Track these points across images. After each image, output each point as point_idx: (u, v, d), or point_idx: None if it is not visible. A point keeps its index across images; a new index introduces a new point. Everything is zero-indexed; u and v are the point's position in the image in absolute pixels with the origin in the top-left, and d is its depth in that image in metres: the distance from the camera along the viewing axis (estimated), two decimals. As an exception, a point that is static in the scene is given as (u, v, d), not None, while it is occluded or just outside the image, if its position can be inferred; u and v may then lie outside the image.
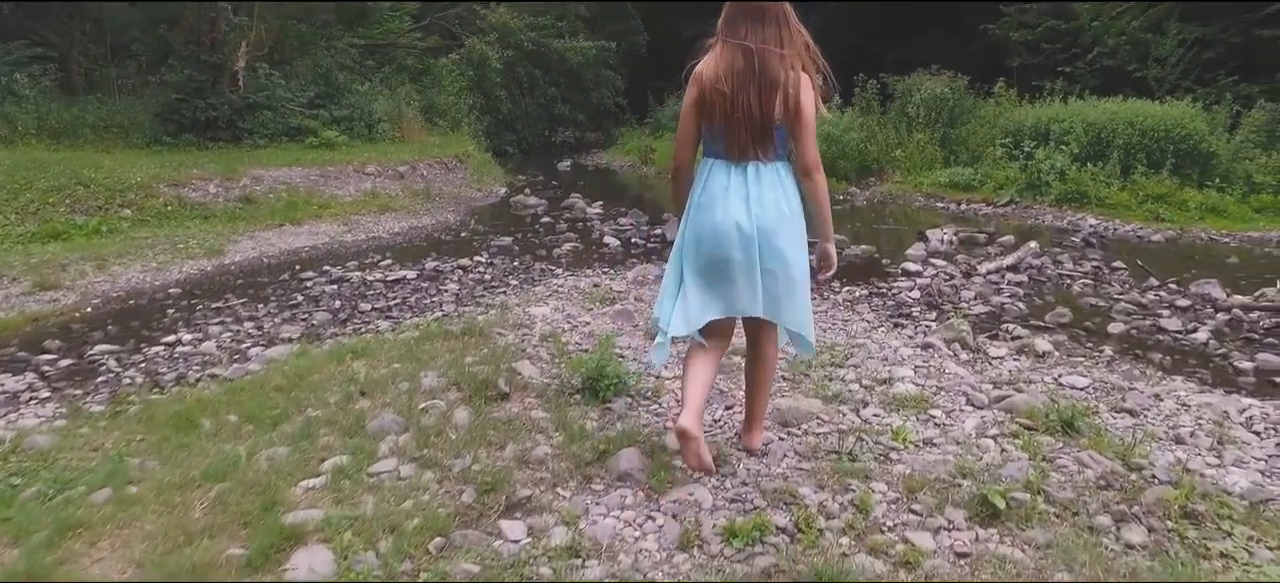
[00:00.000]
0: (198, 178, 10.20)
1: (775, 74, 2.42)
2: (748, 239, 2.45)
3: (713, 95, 2.45)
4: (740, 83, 2.42)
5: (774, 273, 2.49)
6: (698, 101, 2.50)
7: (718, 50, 2.50)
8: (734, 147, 2.48)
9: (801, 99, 2.42)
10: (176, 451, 3.06)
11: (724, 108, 2.44)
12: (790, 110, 2.42)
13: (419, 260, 7.05)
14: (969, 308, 5.34)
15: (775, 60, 2.42)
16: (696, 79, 2.50)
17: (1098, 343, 4.60)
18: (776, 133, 2.47)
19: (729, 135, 2.47)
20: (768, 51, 2.42)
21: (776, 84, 2.42)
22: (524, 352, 3.93)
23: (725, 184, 2.50)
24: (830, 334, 4.46)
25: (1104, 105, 11.77)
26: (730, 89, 2.42)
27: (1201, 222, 9.72)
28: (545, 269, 6.55)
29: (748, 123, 2.44)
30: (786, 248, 2.48)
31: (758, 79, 2.41)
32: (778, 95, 2.42)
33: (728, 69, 2.43)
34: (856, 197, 12.40)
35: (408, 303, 5.57)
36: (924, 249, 7.41)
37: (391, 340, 4.31)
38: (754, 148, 2.47)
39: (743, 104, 2.43)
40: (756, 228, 2.45)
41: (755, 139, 2.45)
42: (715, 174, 2.53)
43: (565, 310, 4.87)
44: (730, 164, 2.50)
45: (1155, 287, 6.06)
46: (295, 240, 8.39)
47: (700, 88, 2.48)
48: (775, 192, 2.49)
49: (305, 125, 14.56)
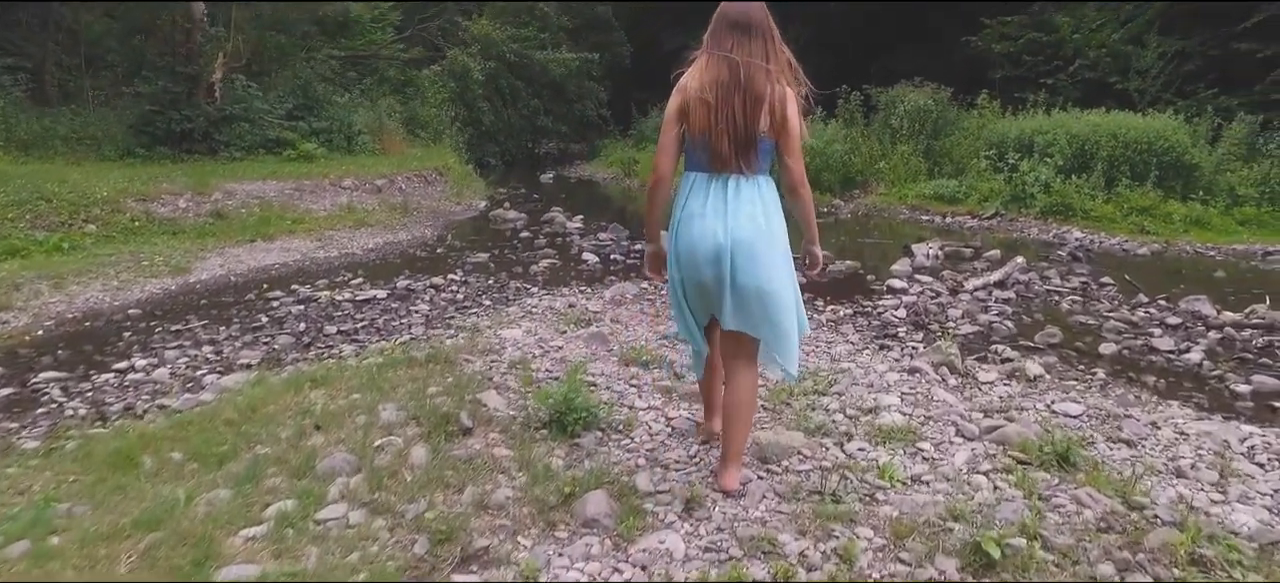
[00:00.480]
0: (168, 192, 9.92)
1: (761, 88, 2.40)
2: (722, 253, 2.43)
3: (696, 106, 2.42)
4: (725, 94, 2.40)
5: (747, 287, 2.44)
6: (680, 111, 2.47)
7: (703, 62, 2.47)
8: (716, 159, 2.45)
9: (788, 113, 2.42)
10: (111, 494, 2.83)
11: (707, 119, 2.41)
12: (776, 124, 2.42)
13: (391, 279, 6.83)
14: (956, 328, 5.19)
15: (761, 74, 2.40)
16: (681, 89, 2.48)
17: (1089, 365, 4.46)
18: (760, 146, 2.45)
19: (711, 147, 2.44)
20: (753, 65, 2.40)
21: (762, 98, 2.40)
22: (490, 381, 3.73)
23: (704, 198, 2.49)
24: (814, 358, 4.29)
25: (1087, 117, 11.76)
26: (714, 99, 2.40)
27: (1186, 234, 9.68)
28: (520, 288, 6.34)
29: (731, 135, 2.41)
30: (762, 261, 2.44)
31: (743, 92, 2.39)
32: (763, 109, 2.40)
33: (713, 80, 2.41)
34: (841, 209, 12.29)
35: (376, 325, 5.34)
36: (909, 264, 7.28)
37: (354, 367, 4.09)
38: (736, 161, 2.44)
39: (727, 115, 2.40)
40: (731, 241, 2.43)
41: (738, 152, 2.43)
42: (696, 189, 2.52)
43: (537, 334, 4.67)
44: (711, 177, 2.48)
45: (1145, 303, 5.94)
46: (266, 257, 8.14)
47: (684, 97, 2.46)
48: (753, 205, 2.46)
49: (283, 138, 14.30)
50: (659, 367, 3.97)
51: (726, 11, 2.48)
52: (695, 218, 2.48)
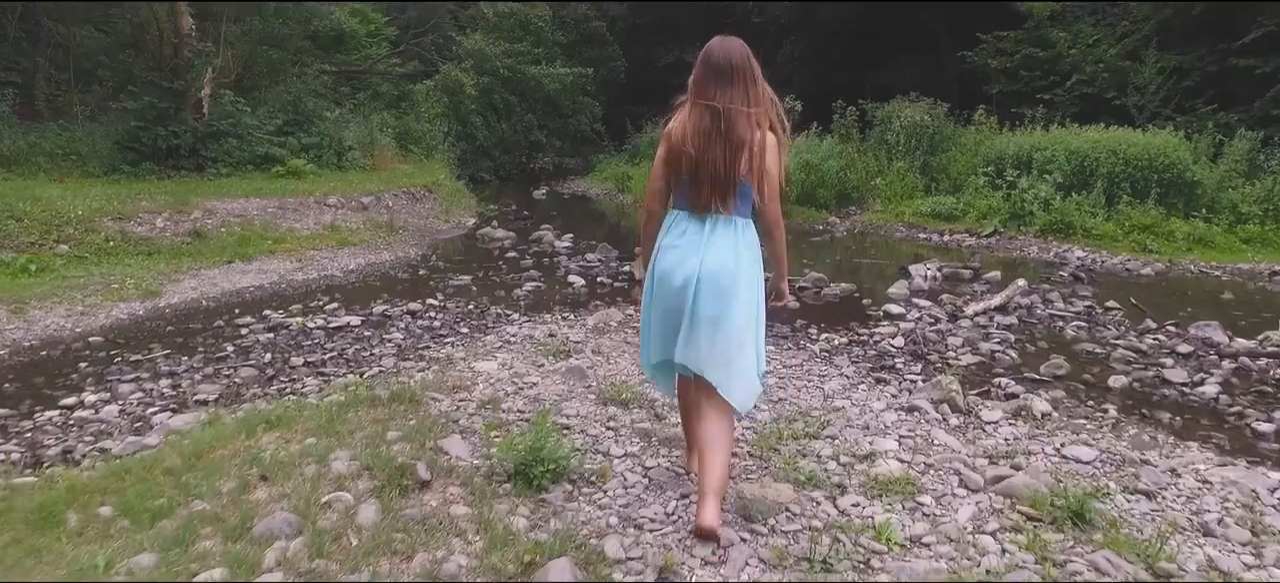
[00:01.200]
0: (147, 210, 9.65)
1: (742, 134, 2.50)
2: (689, 282, 2.53)
3: (680, 154, 2.55)
4: (706, 142, 2.51)
5: (703, 317, 2.52)
6: (666, 158, 2.61)
7: (688, 110, 2.58)
8: (697, 201, 2.57)
9: (767, 160, 2.54)
10: (25, 558, 2.55)
11: (690, 166, 2.54)
12: (755, 170, 2.53)
13: (368, 303, 6.55)
14: (957, 357, 4.92)
15: (743, 120, 2.51)
16: (667, 137, 2.61)
17: (1099, 400, 4.19)
18: (740, 190, 2.55)
19: (693, 190, 2.57)
20: (734, 112, 2.50)
21: (742, 144, 2.51)
22: (456, 424, 3.45)
23: (681, 233, 2.60)
24: (805, 394, 4.02)
25: (1086, 133, 11.56)
26: (696, 149, 2.51)
27: (1190, 253, 9.45)
28: (501, 314, 6.07)
29: (712, 180, 2.53)
30: (724, 295, 2.52)
31: (724, 139, 2.50)
32: (743, 154, 2.51)
33: (695, 129, 2.52)
34: (836, 227, 12.04)
35: (345, 356, 5.07)
36: (907, 287, 7.02)
37: (314, 407, 3.81)
38: (715, 202, 2.55)
39: (708, 162, 2.52)
40: (699, 272, 2.52)
41: (718, 195, 2.54)
42: (676, 224, 2.64)
43: (513, 367, 4.40)
44: (693, 216, 2.60)
45: (1153, 330, 5.69)
46: (242, 279, 7.86)
47: (670, 145, 2.59)
48: (725, 241, 2.56)
49: (272, 154, 14.07)
50: (639, 406, 3.70)
51: (709, 56, 2.58)
52: (672, 249, 2.60)
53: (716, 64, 2.55)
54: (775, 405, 3.82)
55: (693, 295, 2.51)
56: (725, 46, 2.58)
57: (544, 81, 23.40)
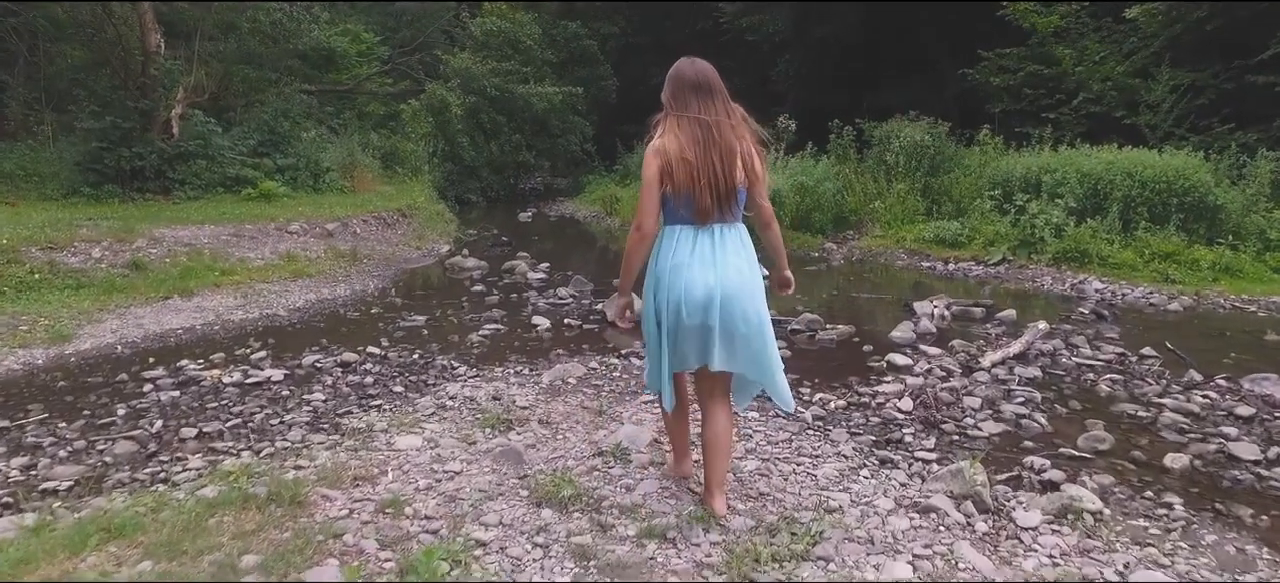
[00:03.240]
0: (85, 239, 8.89)
1: (731, 142, 2.63)
2: (712, 300, 2.62)
3: (678, 166, 2.59)
4: (703, 152, 2.59)
5: (745, 335, 2.67)
6: (662, 173, 2.61)
7: (674, 125, 2.65)
8: (700, 213, 2.64)
9: (757, 163, 2.70)
10: None
11: (690, 177, 2.59)
12: (750, 174, 2.67)
13: (301, 351, 5.76)
14: (976, 425, 4.13)
15: (729, 130, 2.64)
16: (660, 153, 2.62)
17: (1158, 488, 3.39)
18: (739, 196, 2.68)
19: (695, 202, 2.62)
20: (721, 123, 2.63)
21: (735, 151, 2.64)
22: (341, 538, 2.66)
23: (691, 249, 2.66)
24: (793, 485, 3.22)
25: (1099, 155, 10.82)
26: (695, 158, 2.59)
27: (1216, 284, 8.69)
28: (447, 366, 5.26)
29: (712, 189, 2.61)
30: (752, 310, 2.67)
31: (718, 148, 2.61)
32: (738, 161, 2.64)
33: (690, 140, 2.60)
34: (833, 255, 11.28)
35: (251, 424, 4.26)
36: (912, 328, 6.24)
37: (175, 506, 3.02)
38: (718, 212, 2.65)
39: (707, 171, 2.59)
40: (721, 291, 2.62)
41: (720, 204, 2.64)
42: (682, 239, 2.67)
43: (439, 444, 3.61)
44: (696, 229, 2.67)
45: (1200, 383, 4.91)
46: (174, 318, 7.07)
47: (664, 160, 2.61)
48: (739, 257, 2.69)
49: (243, 175, 13.38)
50: (581, 508, 2.91)
51: (684, 75, 2.68)
52: (684, 268, 2.65)
53: (693, 81, 2.66)
54: (754, 504, 3.03)
55: (721, 310, 2.62)
56: (696, 66, 2.69)
57: (533, 101, 22.71)
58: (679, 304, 2.62)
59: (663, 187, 2.60)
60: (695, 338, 2.66)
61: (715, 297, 2.60)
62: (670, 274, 2.65)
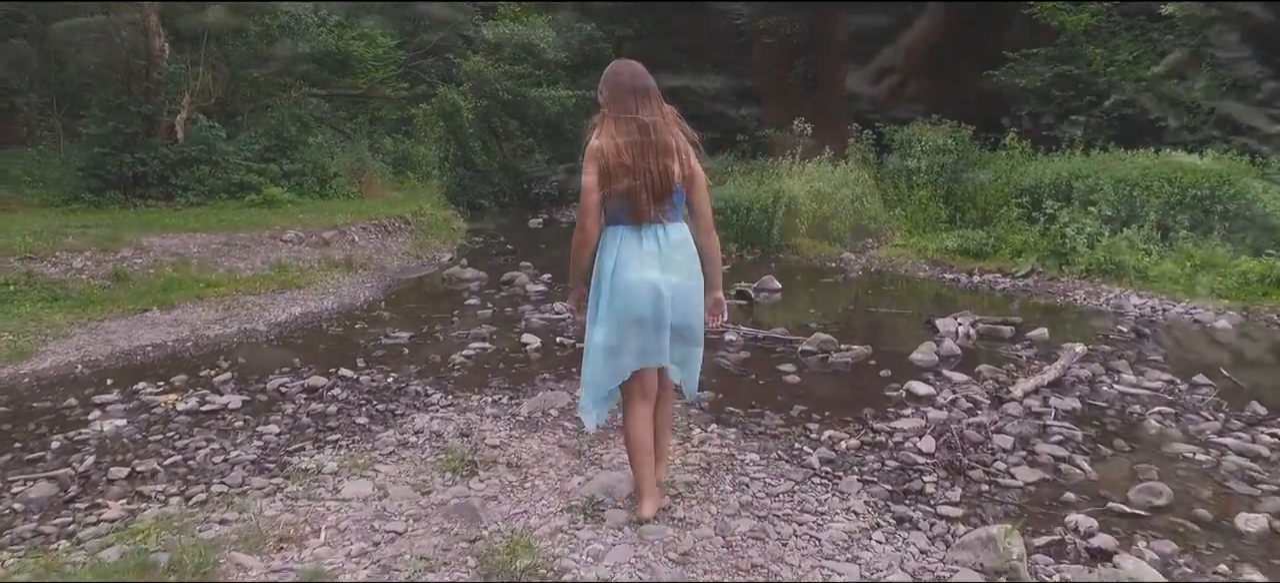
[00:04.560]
0: (68, 247, 8.58)
1: (667, 141, 2.68)
2: (662, 298, 2.66)
3: (615, 167, 2.61)
4: (640, 152, 2.63)
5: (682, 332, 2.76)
6: (602, 175, 2.63)
7: (611, 126, 2.67)
8: (636, 212, 2.67)
9: (693, 162, 2.74)
10: None
11: (628, 177, 2.61)
12: (686, 173, 2.71)
13: (268, 374, 5.32)
14: (1009, 471, 3.60)
15: (665, 130, 2.70)
16: (597, 154, 2.64)
17: (1232, 561, 2.84)
18: (675, 196, 2.71)
19: (631, 202, 2.65)
20: (658, 123, 2.69)
21: (670, 150, 2.68)
22: (237, 627, 2.21)
23: (636, 247, 2.68)
24: (791, 555, 2.71)
25: (1136, 159, 10.18)
26: (632, 159, 2.62)
27: (1267, 297, 8.03)
28: (419, 393, 4.79)
29: (649, 188, 2.64)
30: (693, 309, 2.78)
31: (655, 148, 2.65)
32: (674, 160, 2.68)
33: (627, 141, 2.64)
34: (851, 265, 10.71)
35: (191, 461, 3.82)
36: (935, 350, 5.70)
37: (71, 569, 2.59)
38: (655, 211, 2.68)
39: (643, 171, 2.63)
40: (670, 289, 2.68)
41: (656, 202, 2.67)
42: (625, 240, 2.70)
43: (387, 494, 3.15)
44: (637, 229, 2.69)
45: (1265, 419, 4.33)
46: (148, 333, 6.69)
47: (603, 161, 2.62)
48: (682, 252, 2.74)
49: (248, 181, 13.13)
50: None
51: (619, 75, 2.73)
52: (631, 266, 2.66)
53: (631, 83, 2.70)
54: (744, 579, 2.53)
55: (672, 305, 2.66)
56: (632, 68, 2.76)
57: (546, 104, 22.35)
58: (630, 299, 2.62)
59: (602, 188, 2.60)
60: (643, 329, 2.65)
61: (664, 294, 2.63)
62: (618, 272, 2.65)
